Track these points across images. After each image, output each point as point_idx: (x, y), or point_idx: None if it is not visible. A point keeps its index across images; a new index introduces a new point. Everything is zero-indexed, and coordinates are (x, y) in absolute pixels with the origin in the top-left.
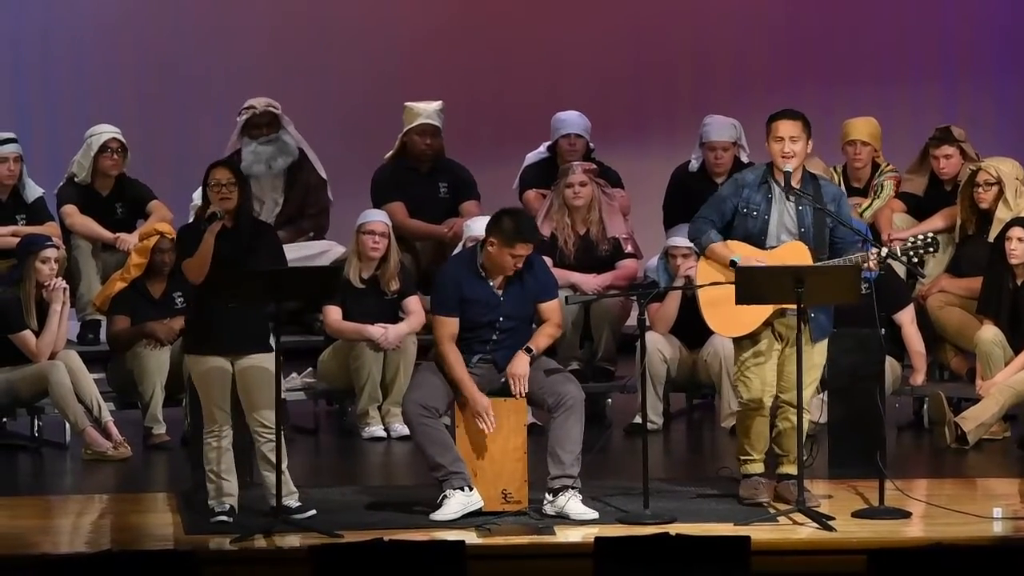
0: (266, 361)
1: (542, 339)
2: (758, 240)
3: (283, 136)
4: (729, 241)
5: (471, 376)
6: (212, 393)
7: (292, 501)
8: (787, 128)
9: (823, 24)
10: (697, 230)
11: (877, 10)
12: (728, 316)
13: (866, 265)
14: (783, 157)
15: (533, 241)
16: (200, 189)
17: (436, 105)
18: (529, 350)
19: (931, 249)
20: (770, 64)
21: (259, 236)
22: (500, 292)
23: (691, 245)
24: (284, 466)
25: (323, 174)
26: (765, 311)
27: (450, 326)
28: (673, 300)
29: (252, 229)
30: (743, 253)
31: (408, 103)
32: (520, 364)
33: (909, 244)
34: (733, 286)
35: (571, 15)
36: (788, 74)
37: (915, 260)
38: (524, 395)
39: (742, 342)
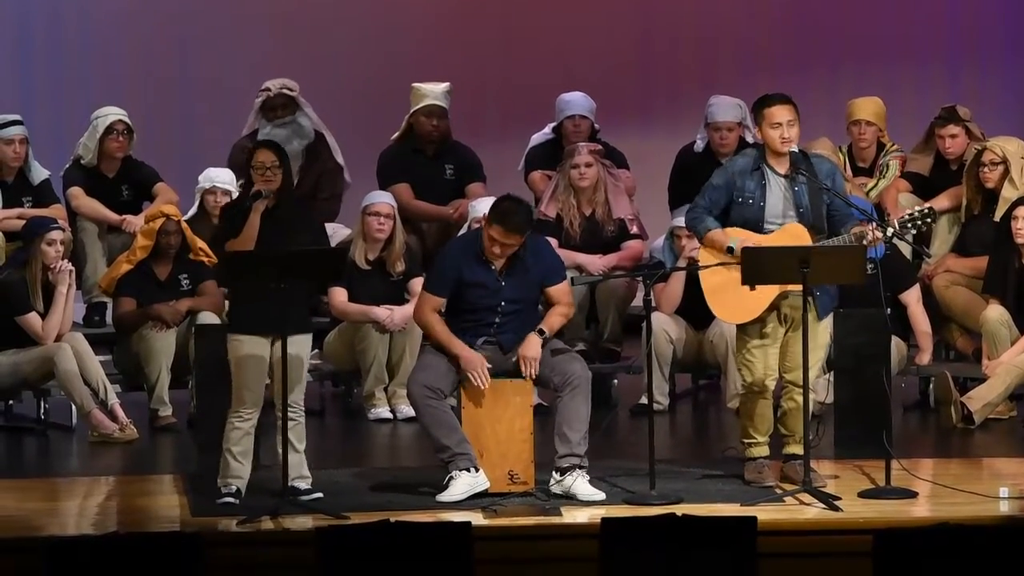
0: (304, 343)
1: (555, 320)
2: (755, 226)
3: (299, 119)
4: (727, 228)
5: None
6: (246, 375)
7: (302, 483)
8: (783, 113)
9: (827, 4)
10: (693, 219)
11: None
12: (733, 303)
13: (866, 241)
14: (783, 141)
15: (510, 230)
16: (206, 172)
17: (443, 87)
18: (542, 332)
19: (929, 220)
20: (775, 45)
21: (301, 216)
22: (501, 276)
23: None
24: (302, 448)
25: (340, 159)
26: (770, 296)
27: (434, 303)
28: (678, 280)
29: (294, 209)
30: (740, 239)
31: (415, 84)
32: (532, 346)
33: (907, 217)
34: (735, 273)
35: None
36: (793, 54)
37: (915, 232)
38: (534, 377)
39: (746, 327)
